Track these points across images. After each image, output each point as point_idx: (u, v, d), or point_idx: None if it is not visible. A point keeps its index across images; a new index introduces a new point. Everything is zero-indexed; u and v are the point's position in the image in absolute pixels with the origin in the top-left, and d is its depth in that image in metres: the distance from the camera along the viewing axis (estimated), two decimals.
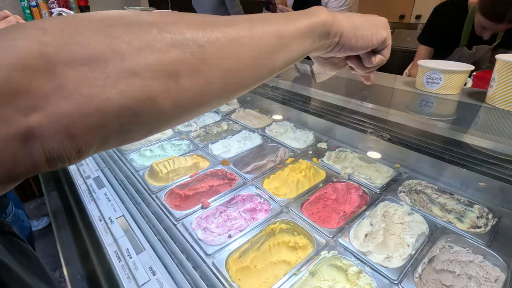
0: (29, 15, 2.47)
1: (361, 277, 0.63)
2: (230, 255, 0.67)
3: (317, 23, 0.32)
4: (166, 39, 0.21)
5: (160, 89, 0.21)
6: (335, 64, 0.45)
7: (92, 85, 0.18)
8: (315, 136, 1.19)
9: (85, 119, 0.18)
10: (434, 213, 0.80)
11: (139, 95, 0.20)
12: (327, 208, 0.85)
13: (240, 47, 0.25)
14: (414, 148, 0.94)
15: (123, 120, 0.20)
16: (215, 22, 0.25)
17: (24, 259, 0.32)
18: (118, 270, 0.64)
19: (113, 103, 0.19)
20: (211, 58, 0.23)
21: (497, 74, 0.68)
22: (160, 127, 0.24)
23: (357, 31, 0.36)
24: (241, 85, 0.28)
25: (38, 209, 2.29)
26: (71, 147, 0.19)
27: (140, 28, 0.21)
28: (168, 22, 0.22)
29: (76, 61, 0.18)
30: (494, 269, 0.64)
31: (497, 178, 0.79)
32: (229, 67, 0.25)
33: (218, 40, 0.24)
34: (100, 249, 0.71)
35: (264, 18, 0.28)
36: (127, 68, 0.19)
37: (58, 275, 1.73)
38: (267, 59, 0.28)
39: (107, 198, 0.88)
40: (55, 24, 0.18)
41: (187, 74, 0.22)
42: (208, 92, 0.24)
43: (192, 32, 0.23)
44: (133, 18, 0.21)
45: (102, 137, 0.20)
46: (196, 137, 1.25)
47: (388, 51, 0.41)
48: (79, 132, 0.19)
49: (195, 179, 0.95)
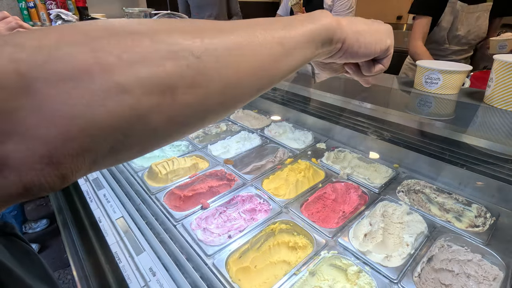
0: (27, 16, 2.46)
1: (361, 277, 0.63)
2: (230, 256, 0.67)
3: (320, 28, 0.31)
4: (160, 50, 0.19)
5: (153, 106, 0.19)
6: (335, 70, 0.44)
7: (76, 104, 0.16)
8: (314, 137, 1.19)
9: (70, 143, 0.17)
10: (433, 213, 0.81)
11: (130, 113, 0.18)
12: (326, 208, 0.85)
13: (241, 57, 0.24)
14: (413, 148, 0.95)
15: (113, 141, 0.19)
16: (213, 30, 0.23)
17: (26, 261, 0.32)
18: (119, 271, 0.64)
19: (101, 123, 0.17)
20: (209, 70, 0.22)
21: (495, 74, 0.69)
22: (154, 146, 0.23)
23: (360, 38, 0.35)
24: (242, 98, 0.26)
25: (37, 211, 2.28)
26: (54, 174, 0.17)
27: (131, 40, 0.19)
28: (161, 32, 0.20)
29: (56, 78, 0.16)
30: (492, 268, 0.64)
31: (495, 177, 0.80)
32: (229, 79, 0.23)
33: (216, 50, 0.22)
34: (100, 251, 0.71)
35: (264, 24, 0.27)
36: (116, 83, 0.18)
37: (57, 277, 1.73)
38: (269, 69, 0.26)
39: (107, 199, 0.88)
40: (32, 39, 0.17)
41: (183, 88, 0.20)
42: (207, 107, 0.23)
43: (188, 42, 0.21)
44: (122, 28, 0.19)
45: (89, 161, 0.18)
46: (195, 137, 1.25)
47: (389, 61, 0.39)
48: (63, 159, 0.17)
49: (195, 180, 0.95)
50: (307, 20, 0.30)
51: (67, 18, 1.98)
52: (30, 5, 2.45)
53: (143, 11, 1.96)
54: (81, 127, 0.17)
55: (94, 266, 0.67)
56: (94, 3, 2.71)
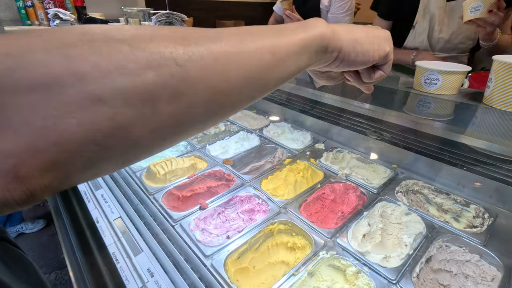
0: (25, 15, 2.45)
1: (360, 277, 0.63)
2: (229, 256, 0.67)
3: (314, 37, 0.29)
4: (140, 59, 0.18)
5: (133, 117, 0.18)
6: (333, 78, 0.43)
7: (46, 115, 0.15)
8: (312, 137, 1.19)
9: (38, 156, 0.15)
10: (431, 213, 0.81)
11: (108, 125, 0.17)
12: (325, 208, 0.85)
13: (228, 66, 0.22)
14: (411, 149, 0.95)
15: (89, 154, 0.17)
16: (199, 37, 0.22)
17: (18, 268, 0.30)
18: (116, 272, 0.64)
19: (74, 135, 0.16)
20: (194, 79, 0.20)
21: (494, 74, 0.69)
22: (136, 158, 0.21)
23: (357, 46, 0.33)
24: (229, 108, 0.25)
25: (34, 211, 2.26)
26: (20, 190, 0.16)
27: (108, 46, 0.18)
28: (142, 39, 0.19)
29: (24, 87, 0.15)
30: (490, 268, 0.64)
31: (493, 178, 0.80)
32: (216, 89, 0.22)
33: (202, 58, 0.21)
34: (97, 251, 0.70)
35: (255, 31, 0.25)
36: (91, 94, 0.16)
37: (53, 278, 1.72)
38: (259, 79, 0.25)
39: (104, 199, 0.87)
40: (0, 45, 0.16)
41: (166, 99, 0.19)
42: (192, 118, 0.22)
43: (171, 50, 0.20)
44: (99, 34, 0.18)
45: (62, 175, 0.17)
46: (193, 138, 1.24)
47: (389, 67, 0.38)
48: (30, 173, 0.16)
49: (193, 180, 0.95)
50: (300, 28, 0.29)
51: (65, 18, 1.97)
52: (27, 4, 2.43)
53: (142, 10, 1.96)
54: (53, 140, 0.16)
55: (91, 267, 0.67)
56: (92, 2, 2.70)
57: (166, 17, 1.76)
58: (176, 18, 1.78)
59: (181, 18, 1.80)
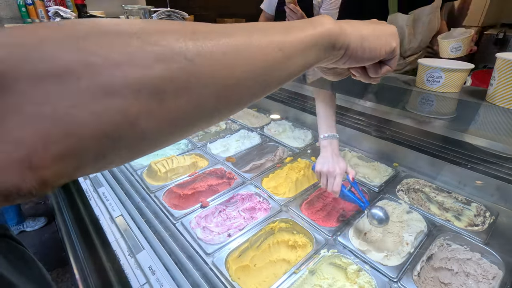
0: (25, 13, 2.44)
1: (361, 275, 0.63)
2: (230, 254, 0.67)
3: (322, 34, 0.29)
4: (150, 52, 0.19)
5: (141, 110, 0.18)
6: (339, 74, 0.43)
7: (59, 105, 0.16)
8: (313, 135, 1.19)
9: (51, 146, 0.16)
10: (432, 212, 0.81)
11: (117, 117, 0.17)
12: (326, 206, 0.85)
13: (236, 61, 0.22)
14: (413, 147, 0.95)
15: (99, 146, 0.18)
16: (208, 32, 0.22)
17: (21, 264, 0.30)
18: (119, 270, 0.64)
19: (86, 126, 0.16)
20: (203, 74, 0.21)
21: (497, 72, 0.68)
22: (143, 151, 0.21)
23: (364, 42, 0.33)
24: (237, 104, 0.25)
25: (35, 209, 2.27)
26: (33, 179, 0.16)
27: (119, 39, 0.18)
28: (152, 32, 0.19)
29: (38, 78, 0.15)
30: (491, 267, 0.64)
31: (495, 177, 0.80)
32: (223, 84, 0.22)
33: (211, 53, 0.21)
34: (100, 249, 0.71)
35: (263, 27, 0.26)
36: (103, 85, 0.17)
37: (55, 276, 1.72)
38: (266, 75, 0.25)
39: (106, 197, 0.87)
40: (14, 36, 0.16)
41: (174, 93, 0.19)
42: (199, 113, 0.22)
43: (181, 44, 0.20)
44: (110, 27, 0.19)
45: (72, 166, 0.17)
46: (194, 136, 1.24)
47: (395, 62, 0.38)
48: (43, 163, 0.16)
49: (194, 178, 0.95)
50: (308, 25, 0.29)
51: (65, 16, 1.97)
52: (28, 2, 2.43)
53: (143, 8, 1.95)
54: (65, 130, 0.16)
55: (94, 264, 0.67)
56: (93, 0, 2.69)
57: (167, 15, 1.75)
58: (177, 16, 1.78)
59: (182, 16, 1.79)
